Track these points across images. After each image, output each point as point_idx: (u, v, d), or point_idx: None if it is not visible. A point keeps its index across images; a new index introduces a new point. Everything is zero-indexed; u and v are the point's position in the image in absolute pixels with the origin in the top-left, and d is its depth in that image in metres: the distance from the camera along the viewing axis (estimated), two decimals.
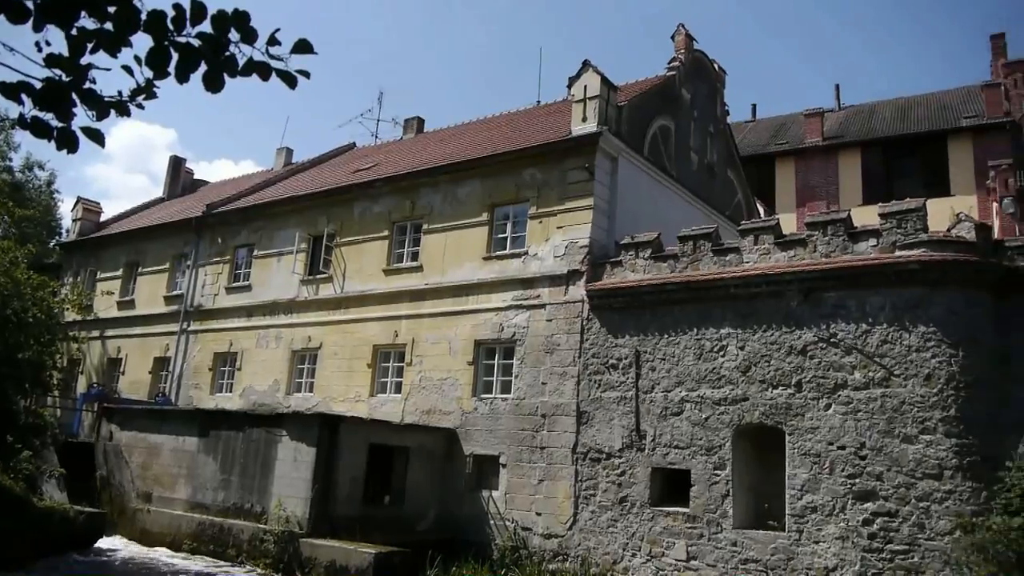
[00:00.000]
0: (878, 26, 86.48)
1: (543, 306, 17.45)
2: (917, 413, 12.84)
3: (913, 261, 13.20)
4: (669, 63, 22.24)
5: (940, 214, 15.95)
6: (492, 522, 16.86)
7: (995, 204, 25.66)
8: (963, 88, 33.45)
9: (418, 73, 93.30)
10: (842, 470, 13.25)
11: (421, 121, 30.10)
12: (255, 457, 16.31)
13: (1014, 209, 23.99)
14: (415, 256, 20.45)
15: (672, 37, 22.99)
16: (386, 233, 21.07)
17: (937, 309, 13.06)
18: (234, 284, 24.52)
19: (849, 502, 13.08)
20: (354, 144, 32.23)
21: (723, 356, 14.82)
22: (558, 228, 17.68)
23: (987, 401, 12.79)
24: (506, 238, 18.86)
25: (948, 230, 13.67)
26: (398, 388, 19.59)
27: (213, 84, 3.67)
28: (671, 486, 15.15)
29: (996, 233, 21.66)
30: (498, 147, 20.33)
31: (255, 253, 24.20)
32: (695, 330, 15.26)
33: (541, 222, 18.09)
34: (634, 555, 14.96)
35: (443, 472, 17.74)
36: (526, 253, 18.14)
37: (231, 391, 23.29)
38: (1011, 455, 12.23)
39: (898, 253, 13.50)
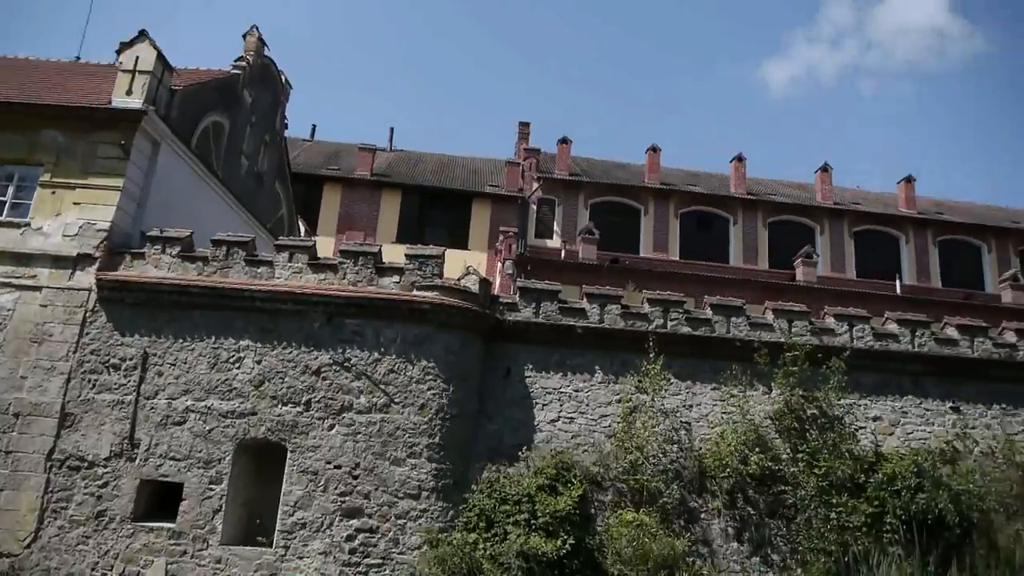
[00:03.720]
0: (440, 87, 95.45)
1: (39, 288, 15.10)
2: (408, 439, 14.12)
3: (426, 302, 14.63)
4: (236, 61, 21.51)
5: (457, 264, 17.95)
6: None
7: (500, 264, 29.87)
8: (493, 160, 38.52)
9: None
10: (335, 488, 13.88)
11: None
12: None
13: (512, 271, 28.17)
14: None
15: (244, 36, 22.35)
16: None
17: (438, 347, 14.63)
18: None
19: (337, 519, 13.73)
20: None
21: (238, 368, 14.52)
22: (75, 204, 15.58)
23: (464, 431, 14.65)
24: (5, 202, 16.00)
25: (458, 279, 15.44)
26: None
27: None
28: (161, 500, 14.18)
29: (496, 289, 25.17)
30: (13, 95, 17.26)
31: None
32: (213, 338, 14.70)
33: (55, 193, 15.75)
34: (104, 575, 13.58)
35: None
36: (28, 225, 15.58)
37: None
38: (477, 479, 14.15)
39: (415, 292, 14.84)
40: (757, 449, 14.76)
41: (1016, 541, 14.56)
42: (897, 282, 32.72)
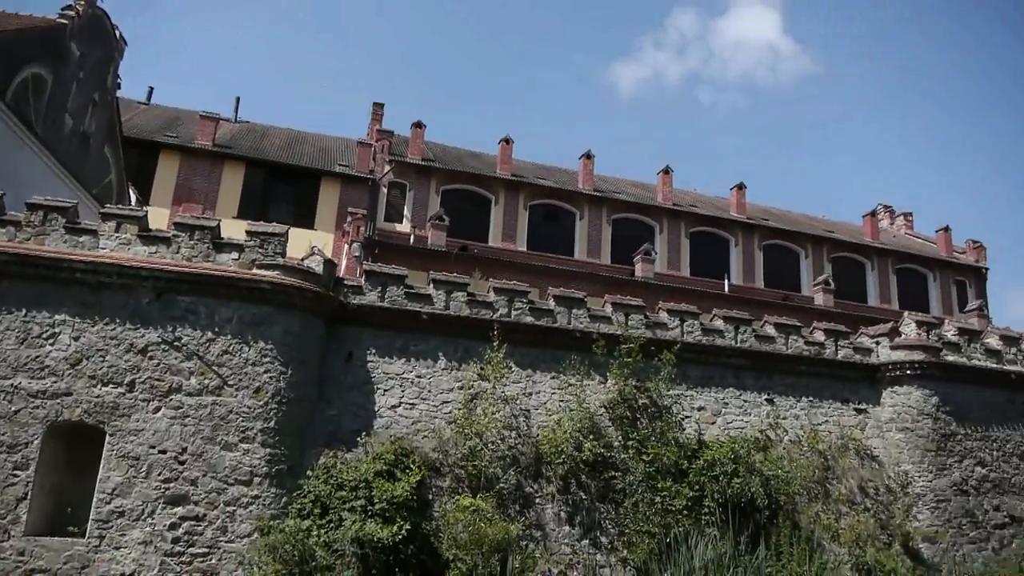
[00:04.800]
0: (292, 60, 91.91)
1: None
2: (241, 423, 13.55)
3: (266, 281, 14.07)
4: (63, 9, 19.79)
5: (302, 243, 17.37)
6: None
7: (347, 246, 29.22)
8: (345, 139, 37.55)
9: None
10: (159, 474, 13.10)
11: None
12: None
13: (360, 253, 27.61)
14: None
15: None
16: None
17: (277, 329, 14.12)
18: None
19: (160, 506, 12.97)
20: None
21: (53, 345, 13.36)
22: None
23: (301, 416, 14.24)
24: None
25: (302, 259, 14.97)
26: None
27: None
28: None
29: (342, 271, 24.64)
30: None
31: None
32: (24, 311, 13.42)
33: None
34: None
35: None
36: None
37: None
38: (313, 465, 13.81)
39: (255, 271, 14.23)
40: (591, 436, 15.33)
41: (815, 521, 16.02)
42: (726, 281, 35.02)
